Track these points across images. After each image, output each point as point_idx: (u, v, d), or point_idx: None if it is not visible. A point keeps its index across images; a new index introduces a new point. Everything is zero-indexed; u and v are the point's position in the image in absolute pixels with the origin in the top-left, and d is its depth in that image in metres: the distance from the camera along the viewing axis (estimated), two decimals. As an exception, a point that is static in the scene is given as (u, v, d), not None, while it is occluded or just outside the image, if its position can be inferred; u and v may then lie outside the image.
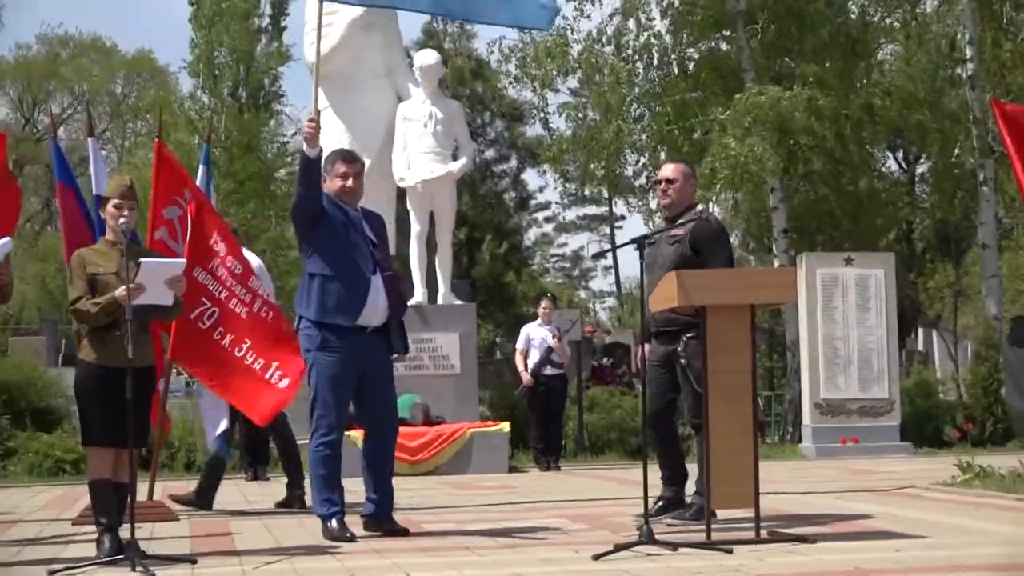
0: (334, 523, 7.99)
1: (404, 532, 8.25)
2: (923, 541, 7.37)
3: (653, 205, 28.02)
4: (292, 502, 10.43)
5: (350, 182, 8.34)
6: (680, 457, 8.68)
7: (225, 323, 9.61)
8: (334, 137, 15.08)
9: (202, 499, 10.41)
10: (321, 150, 8.18)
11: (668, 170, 8.73)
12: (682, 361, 8.28)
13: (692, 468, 8.57)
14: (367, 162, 15.29)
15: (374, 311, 8.15)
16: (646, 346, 8.76)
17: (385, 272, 8.25)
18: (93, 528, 7.53)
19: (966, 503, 9.68)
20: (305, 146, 8.11)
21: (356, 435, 9.86)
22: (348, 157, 8.61)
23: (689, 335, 8.09)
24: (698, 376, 8.07)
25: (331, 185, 8.30)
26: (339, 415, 8.14)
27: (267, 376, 9.67)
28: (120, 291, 7.08)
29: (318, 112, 8.49)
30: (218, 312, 9.61)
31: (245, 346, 9.63)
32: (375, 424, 8.37)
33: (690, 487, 8.62)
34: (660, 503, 8.59)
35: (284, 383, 9.72)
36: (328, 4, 15.16)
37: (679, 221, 8.46)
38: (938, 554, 6.80)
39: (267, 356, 9.69)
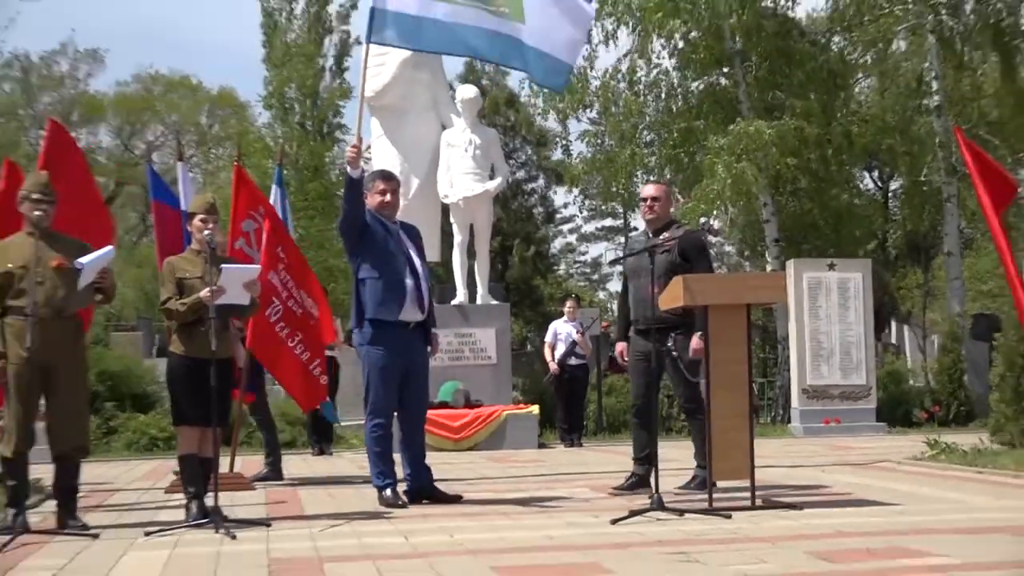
0: (388, 492, 8.00)
1: (456, 499, 8.27)
2: (896, 508, 7.34)
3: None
4: (269, 475, 10.44)
5: (388, 197, 8.32)
6: (655, 441, 8.56)
7: (285, 318, 9.73)
8: (388, 161, 15.10)
9: None
10: (363, 171, 8.17)
11: (652, 189, 8.69)
12: (674, 354, 8.24)
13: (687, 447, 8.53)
14: (416, 182, 15.49)
15: (413, 309, 8.15)
16: (620, 344, 8.81)
17: (421, 276, 8.25)
18: (182, 496, 7.57)
19: (933, 475, 9.63)
20: (348, 168, 8.08)
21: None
22: (387, 176, 8.58)
23: (678, 331, 8.05)
24: (688, 366, 8.07)
25: (372, 201, 8.28)
26: (388, 400, 8.13)
27: (311, 367, 9.80)
28: (204, 292, 7.12)
29: (360, 139, 8.43)
30: (282, 309, 9.70)
31: (297, 339, 9.77)
32: (411, 409, 8.35)
33: (691, 462, 8.60)
34: (633, 479, 8.58)
35: (324, 379, 9.93)
36: (380, 46, 15.20)
37: (664, 234, 8.44)
38: (910, 519, 6.75)
39: (312, 352, 9.82)
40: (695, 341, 8.14)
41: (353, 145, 8.13)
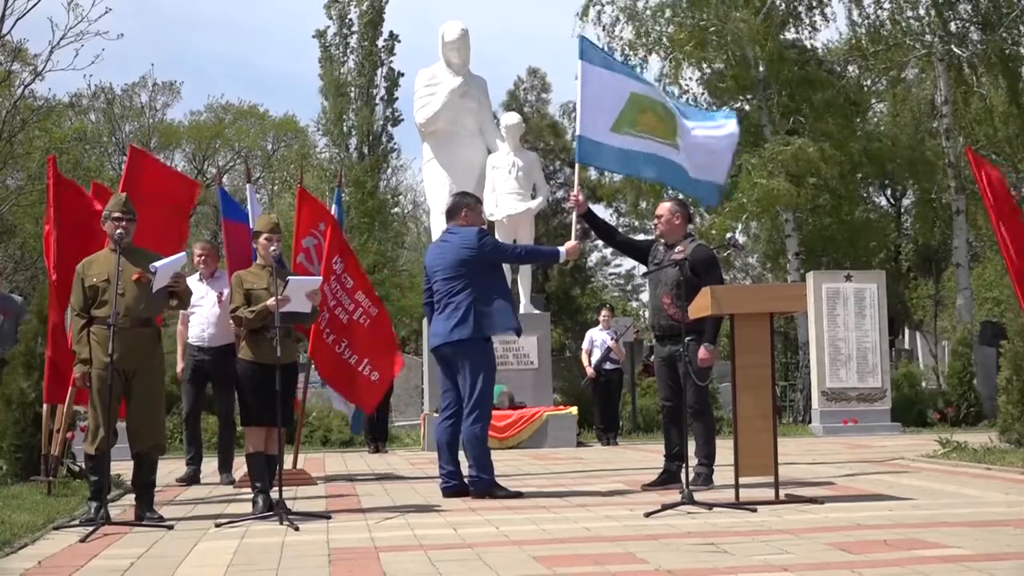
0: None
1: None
2: (910, 502, 7.27)
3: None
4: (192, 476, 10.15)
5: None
6: (684, 440, 8.45)
7: (331, 325, 9.76)
8: (438, 182, 15.16)
9: None
10: (567, 261, 8.48)
11: (660, 208, 8.72)
12: (686, 358, 8.18)
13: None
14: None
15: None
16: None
17: None
18: (250, 490, 7.60)
19: (945, 472, 9.53)
20: (564, 254, 8.34)
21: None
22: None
23: (689, 338, 7.98)
24: (697, 372, 8.03)
25: (479, 222, 8.52)
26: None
27: (360, 368, 9.81)
28: (271, 301, 7.16)
29: (578, 240, 8.64)
30: (328, 317, 9.71)
31: (344, 344, 9.81)
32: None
33: (692, 460, 8.47)
34: (665, 475, 8.54)
35: (375, 376, 9.89)
36: (431, 77, 15.24)
37: (677, 248, 8.42)
38: (923, 512, 6.68)
39: (360, 353, 9.82)
40: (702, 351, 8.17)
41: (576, 244, 8.42)
